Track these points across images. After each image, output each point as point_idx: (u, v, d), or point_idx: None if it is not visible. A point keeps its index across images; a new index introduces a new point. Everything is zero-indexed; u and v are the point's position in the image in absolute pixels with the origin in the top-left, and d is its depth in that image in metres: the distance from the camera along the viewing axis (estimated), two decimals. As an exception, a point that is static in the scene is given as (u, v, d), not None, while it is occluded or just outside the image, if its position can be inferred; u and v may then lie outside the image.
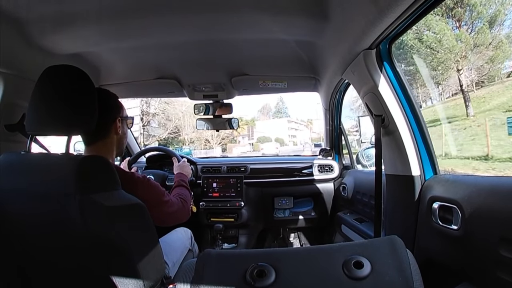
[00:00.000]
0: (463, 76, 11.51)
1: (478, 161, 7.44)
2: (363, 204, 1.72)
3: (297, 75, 1.81)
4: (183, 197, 1.22)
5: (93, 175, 0.77)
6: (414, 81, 13.40)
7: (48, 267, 0.81)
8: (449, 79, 12.72)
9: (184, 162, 1.61)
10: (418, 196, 1.10)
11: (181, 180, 1.37)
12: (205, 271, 0.64)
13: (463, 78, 11.48)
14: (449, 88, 13.23)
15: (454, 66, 11.74)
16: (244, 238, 2.24)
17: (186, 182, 1.38)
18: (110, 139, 1.06)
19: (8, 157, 0.84)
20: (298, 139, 42.95)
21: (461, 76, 11.52)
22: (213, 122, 2.14)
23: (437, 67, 12.22)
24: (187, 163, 1.61)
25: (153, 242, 0.91)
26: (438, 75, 12.67)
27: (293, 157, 2.49)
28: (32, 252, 0.80)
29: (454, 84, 12.67)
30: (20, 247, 0.80)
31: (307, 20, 1.11)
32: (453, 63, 11.70)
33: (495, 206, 0.77)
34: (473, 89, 11.97)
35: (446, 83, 13.02)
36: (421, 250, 1.08)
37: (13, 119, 1.21)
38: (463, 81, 11.46)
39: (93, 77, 0.90)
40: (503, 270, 0.73)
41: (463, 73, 11.58)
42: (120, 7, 1.00)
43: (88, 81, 0.86)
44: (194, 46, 1.36)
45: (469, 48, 11.45)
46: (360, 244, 0.71)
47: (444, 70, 12.32)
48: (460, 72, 11.59)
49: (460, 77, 11.51)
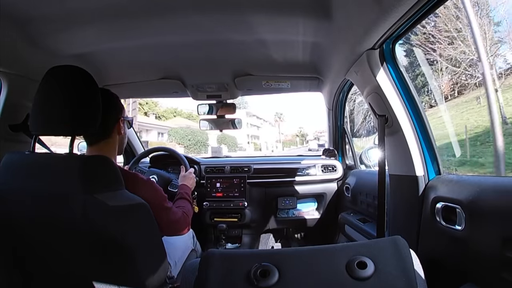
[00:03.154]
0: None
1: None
2: (366, 204, 1.72)
3: (300, 75, 1.80)
4: (185, 210, 1.21)
5: (96, 175, 0.78)
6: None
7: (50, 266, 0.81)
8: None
9: (190, 174, 1.59)
10: (421, 196, 1.10)
11: (185, 192, 1.36)
12: (208, 271, 0.65)
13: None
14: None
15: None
16: (248, 238, 2.25)
17: (189, 195, 1.37)
18: (112, 139, 1.06)
19: (12, 157, 0.85)
20: (262, 141, 34.96)
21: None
22: (217, 122, 2.14)
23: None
24: (193, 175, 1.59)
25: (156, 242, 0.91)
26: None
27: (296, 157, 2.49)
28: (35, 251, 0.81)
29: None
30: (23, 246, 0.81)
31: (311, 20, 1.11)
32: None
33: (499, 206, 0.76)
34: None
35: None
36: (425, 250, 1.07)
37: (17, 119, 1.22)
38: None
39: (96, 77, 0.90)
40: (507, 270, 0.73)
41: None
42: (123, 7, 1.01)
43: (91, 82, 0.86)
44: (198, 46, 1.37)
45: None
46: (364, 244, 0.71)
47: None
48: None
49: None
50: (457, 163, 4.35)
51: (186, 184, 1.44)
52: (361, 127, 7.10)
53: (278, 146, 32.21)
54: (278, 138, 36.08)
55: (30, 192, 0.78)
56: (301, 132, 62.03)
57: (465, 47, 7.27)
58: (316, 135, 60.58)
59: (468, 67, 7.50)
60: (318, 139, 58.26)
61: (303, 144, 52.31)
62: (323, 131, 62.63)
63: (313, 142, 49.30)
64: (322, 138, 58.17)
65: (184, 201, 1.29)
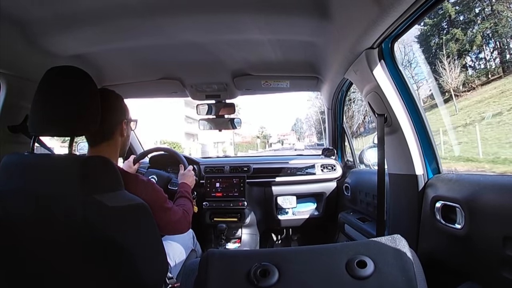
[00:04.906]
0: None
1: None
2: (366, 203, 1.72)
3: (300, 75, 1.81)
4: (186, 208, 1.21)
5: (96, 175, 0.78)
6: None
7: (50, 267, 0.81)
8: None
9: (189, 172, 1.58)
10: (421, 195, 1.10)
11: (185, 191, 1.36)
12: (208, 271, 0.65)
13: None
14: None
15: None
16: (247, 237, 2.24)
17: (189, 193, 1.37)
18: (115, 140, 1.05)
19: (12, 158, 0.85)
20: (205, 141, 28.23)
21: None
22: (216, 122, 2.14)
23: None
24: (192, 173, 1.58)
25: (156, 242, 0.91)
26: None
27: (296, 157, 2.49)
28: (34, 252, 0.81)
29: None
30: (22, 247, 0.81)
31: (309, 20, 1.11)
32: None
33: (499, 205, 0.76)
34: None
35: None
36: (425, 249, 1.07)
37: (16, 120, 1.22)
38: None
39: (95, 77, 0.90)
40: (507, 269, 0.73)
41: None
42: (122, 7, 1.01)
43: (90, 82, 0.86)
44: (197, 46, 1.36)
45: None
46: (363, 243, 0.71)
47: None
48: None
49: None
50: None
51: (185, 182, 1.44)
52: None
53: (228, 150, 25.64)
54: (232, 139, 30.19)
55: (30, 193, 0.78)
56: (262, 133, 55.37)
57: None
58: (280, 138, 58.78)
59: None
60: (282, 142, 56.32)
61: (265, 147, 46.82)
62: (286, 134, 61.23)
63: (276, 145, 46.86)
64: (285, 141, 56.17)
65: (184, 199, 1.29)
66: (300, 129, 61.31)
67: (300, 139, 56.64)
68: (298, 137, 59.17)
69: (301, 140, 54.89)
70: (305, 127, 59.37)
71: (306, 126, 58.19)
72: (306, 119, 51.56)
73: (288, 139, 58.88)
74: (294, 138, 59.19)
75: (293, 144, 51.18)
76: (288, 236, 2.57)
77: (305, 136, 57.70)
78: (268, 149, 44.11)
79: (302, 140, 53.46)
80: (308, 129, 56.31)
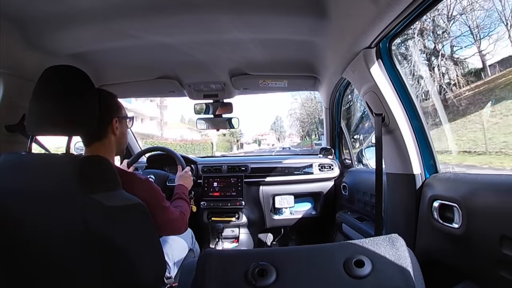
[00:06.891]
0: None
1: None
2: (363, 203, 1.72)
3: (297, 74, 1.81)
4: (183, 210, 1.21)
5: (93, 175, 0.77)
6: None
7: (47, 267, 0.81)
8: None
9: (186, 173, 1.58)
10: (418, 194, 1.10)
11: (182, 192, 1.35)
12: (206, 270, 0.65)
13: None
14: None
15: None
16: (245, 237, 2.24)
17: (186, 195, 1.37)
18: (108, 140, 1.04)
19: (9, 157, 0.84)
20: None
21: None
22: (213, 122, 2.14)
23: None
24: (189, 173, 1.59)
25: (154, 242, 0.91)
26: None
27: (293, 156, 2.49)
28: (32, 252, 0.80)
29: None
30: (20, 247, 0.80)
31: (307, 19, 1.11)
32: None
33: (496, 204, 0.77)
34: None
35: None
36: (422, 248, 1.08)
37: (13, 120, 1.21)
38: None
39: (93, 77, 0.90)
40: (504, 268, 0.73)
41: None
42: (120, 7, 1.00)
43: (88, 81, 0.86)
44: (194, 45, 1.36)
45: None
46: (361, 243, 0.71)
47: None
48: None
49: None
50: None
51: (183, 184, 1.44)
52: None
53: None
54: (217, 137, 26.86)
55: (27, 193, 0.77)
56: (229, 131, 46.64)
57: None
58: (257, 138, 56.64)
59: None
60: (259, 143, 54.39)
61: (237, 149, 42.49)
62: (264, 134, 58.98)
63: (250, 146, 45.10)
64: (264, 141, 54.20)
65: (182, 201, 1.29)
66: (281, 128, 58.63)
67: (280, 139, 54.27)
68: (278, 137, 56.46)
69: (281, 140, 52.28)
70: (286, 126, 56.04)
71: (288, 124, 54.45)
72: (290, 114, 48.35)
73: (267, 139, 54.22)
74: (273, 138, 54.65)
75: (272, 144, 49.33)
76: (286, 236, 2.57)
77: (285, 136, 54.85)
78: (238, 151, 38.01)
79: (282, 141, 50.66)
80: (290, 127, 52.53)
